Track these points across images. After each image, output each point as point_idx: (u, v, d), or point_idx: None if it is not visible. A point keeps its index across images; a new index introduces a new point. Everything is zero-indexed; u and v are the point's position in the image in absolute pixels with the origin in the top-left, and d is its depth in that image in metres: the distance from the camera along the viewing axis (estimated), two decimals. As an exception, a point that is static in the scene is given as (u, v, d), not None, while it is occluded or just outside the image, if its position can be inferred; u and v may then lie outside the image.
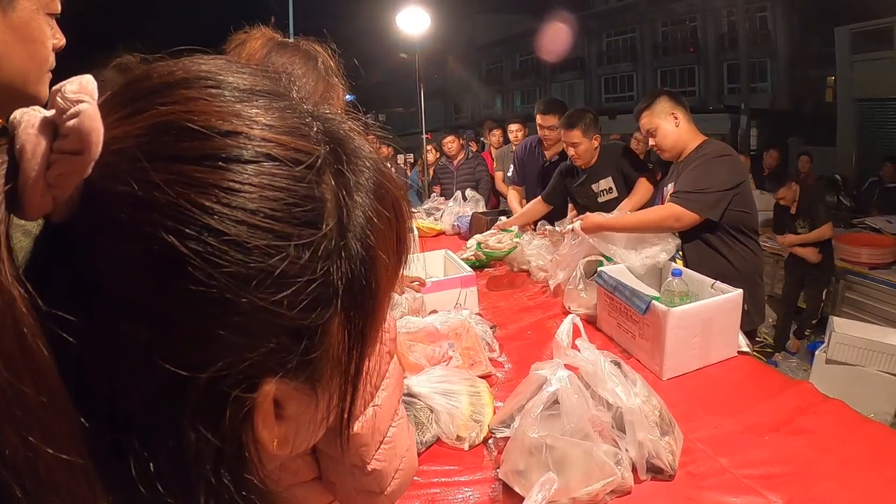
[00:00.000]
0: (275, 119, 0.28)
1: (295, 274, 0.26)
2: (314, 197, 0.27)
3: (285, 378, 0.28)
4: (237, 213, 0.25)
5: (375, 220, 0.30)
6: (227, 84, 0.28)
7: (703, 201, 1.95)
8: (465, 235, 3.30)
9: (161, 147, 0.25)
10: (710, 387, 1.48)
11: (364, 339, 0.32)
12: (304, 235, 0.27)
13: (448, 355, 1.55)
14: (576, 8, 18.78)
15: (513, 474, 1.09)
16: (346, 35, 18.68)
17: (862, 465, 1.11)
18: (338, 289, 0.28)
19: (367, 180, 0.31)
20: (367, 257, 0.30)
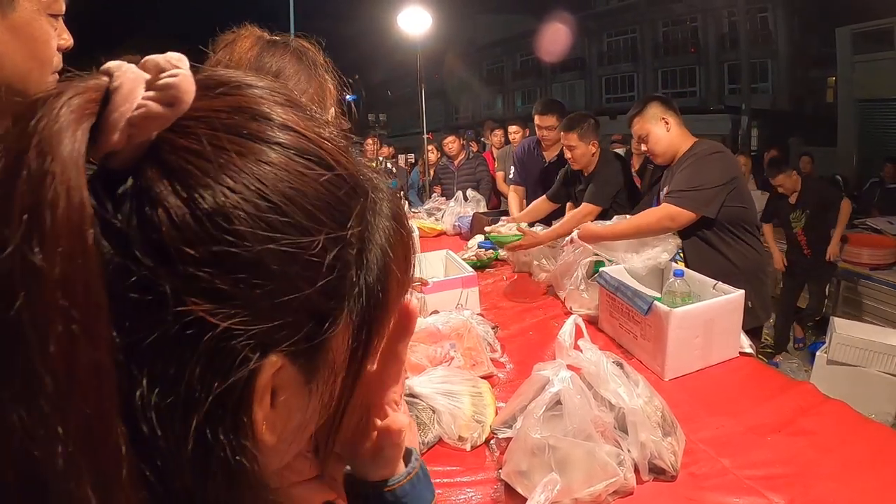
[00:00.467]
0: (325, 135, 0.32)
1: (322, 259, 0.29)
2: (348, 205, 0.31)
3: (289, 357, 0.29)
4: (287, 190, 0.28)
5: (392, 245, 0.34)
6: (284, 97, 0.32)
7: (698, 199, 1.96)
8: (467, 235, 3.30)
9: (236, 123, 0.28)
10: (712, 387, 1.48)
11: (367, 350, 0.33)
12: (335, 230, 0.30)
13: (450, 356, 1.55)
14: (576, 8, 18.81)
15: (515, 475, 1.09)
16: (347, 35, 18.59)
17: (863, 466, 1.11)
18: (353, 292, 0.31)
19: (387, 209, 0.35)
20: (384, 273, 0.33)
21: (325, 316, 0.30)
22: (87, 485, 0.23)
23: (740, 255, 2.01)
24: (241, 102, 0.29)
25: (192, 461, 0.27)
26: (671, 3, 16.92)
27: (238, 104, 0.29)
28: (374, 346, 0.34)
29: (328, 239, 0.29)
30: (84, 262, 0.23)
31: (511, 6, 22.28)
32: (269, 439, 0.31)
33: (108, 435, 0.24)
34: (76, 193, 0.23)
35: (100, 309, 0.24)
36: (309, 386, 0.31)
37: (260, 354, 0.28)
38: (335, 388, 0.33)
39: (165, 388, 0.26)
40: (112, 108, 0.26)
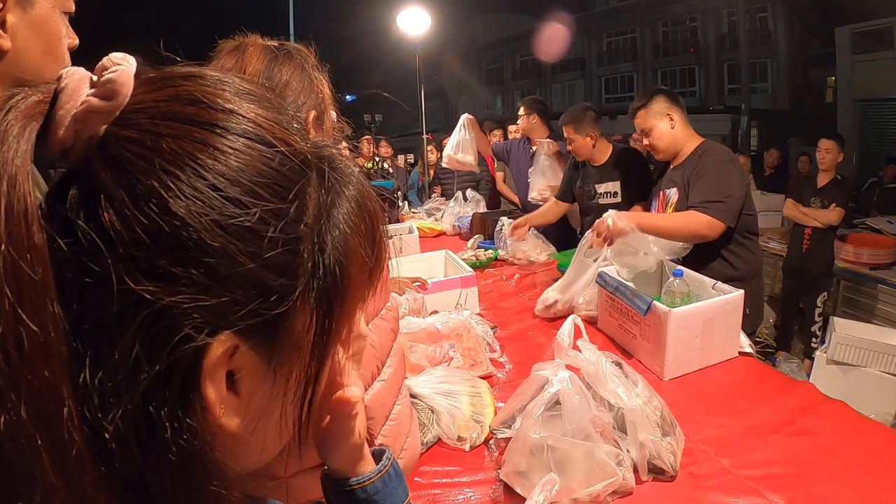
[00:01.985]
0: (271, 116, 0.32)
1: (266, 233, 0.29)
2: (292, 180, 0.31)
3: (243, 336, 0.29)
4: (223, 169, 0.29)
5: (354, 227, 0.34)
6: (234, 84, 0.33)
7: (729, 210, 1.91)
8: (466, 236, 3.30)
9: (173, 110, 0.30)
10: (711, 387, 1.48)
11: (329, 334, 0.33)
12: (280, 206, 0.30)
13: (449, 356, 1.55)
14: (576, 8, 18.82)
15: (514, 475, 1.09)
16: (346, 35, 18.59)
17: (863, 466, 1.11)
18: (308, 269, 0.31)
19: (351, 192, 0.35)
20: (342, 258, 0.33)
21: (275, 292, 0.30)
22: (45, 458, 0.25)
23: (741, 260, 2.01)
24: (181, 91, 0.31)
25: (138, 442, 0.28)
26: (671, 4, 16.92)
27: (177, 93, 0.30)
28: (337, 327, 0.34)
29: (267, 212, 0.29)
30: (29, 248, 0.25)
31: (510, 6, 22.26)
32: (229, 423, 0.31)
33: (59, 407, 0.26)
34: (20, 187, 0.26)
35: (46, 290, 0.26)
36: (272, 367, 0.32)
37: (207, 333, 0.28)
38: (301, 371, 0.33)
39: (111, 367, 0.27)
40: (58, 107, 0.29)
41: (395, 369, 0.79)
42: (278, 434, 0.35)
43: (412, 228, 3.08)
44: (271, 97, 0.35)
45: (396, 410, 0.79)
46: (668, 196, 2.13)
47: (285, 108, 0.35)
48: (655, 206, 2.26)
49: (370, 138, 5.96)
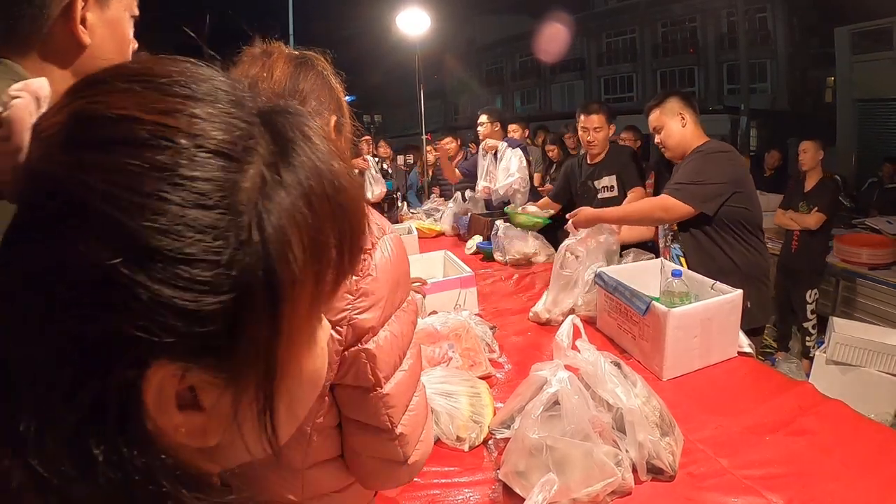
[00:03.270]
0: (201, 110, 0.29)
1: (180, 255, 0.26)
2: (221, 182, 0.28)
3: (180, 362, 0.28)
4: (122, 192, 0.26)
5: (295, 222, 0.30)
6: (164, 77, 0.30)
7: (696, 193, 1.96)
8: (465, 236, 3.30)
9: (72, 133, 0.28)
10: (710, 387, 1.48)
11: (275, 338, 0.30)
12: (199, 219, 0.27)
13: (448, 356, 1.55)
14: (576, 9, 18.83)
15: (513, 475, 1.09)
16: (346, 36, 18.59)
17: (862, 466, 1.11)
18: (233, 278, 0.28)
19: (302, 182, 0.31)
20: (276, 255, 0.29)
21: (209, 316, 0.27)
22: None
23: (741, 254, 2.01)
24: (74, 109, 0.29)
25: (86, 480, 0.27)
26: (670, 4, 16.93)
27: (72, 111, 0.29)
28: (282, 335, 0.31)
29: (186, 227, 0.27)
30: None
31: (510, 7, 22.28)
32: (198, 440, 0.30)
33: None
34: None
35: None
36: (229, 376, 0.30)
37: (139, 365, 0.27)
38: (256, 376, 0.31)
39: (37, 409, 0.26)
40: None
41: (415, 360, 0.81)
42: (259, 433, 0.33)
43: (411, 229, 3.09)
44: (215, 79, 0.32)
45: (415, 401, 0.80)
46: None
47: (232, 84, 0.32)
48: None
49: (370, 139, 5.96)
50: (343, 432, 0.80)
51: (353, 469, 0.82)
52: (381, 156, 5.94)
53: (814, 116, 12.01)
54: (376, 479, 0.84)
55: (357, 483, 0.84)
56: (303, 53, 0.84)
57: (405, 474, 0.83)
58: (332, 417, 0.78)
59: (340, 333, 0.72)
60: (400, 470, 0.81)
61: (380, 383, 0.75)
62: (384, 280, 0.74)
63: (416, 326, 0.83)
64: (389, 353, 0.76)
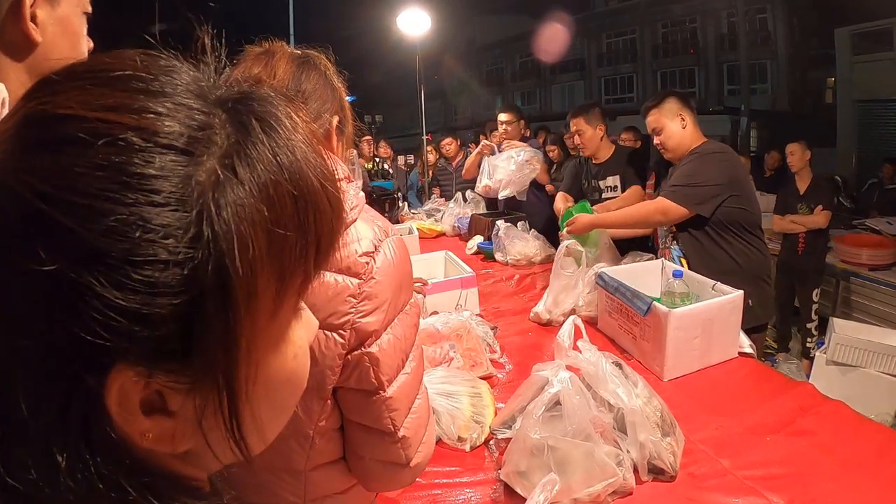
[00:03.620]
0: (155, 104, 0.28)
1: (131, 256, 0.25)
2: (173, 178, 0.27)
3: (140, 366, 0.27)
4: (66, 194, 0.25)
5: (250, 217, 0.28)
6: (120, 72, 0.29)
7: (692, 195, 1.97)
8: (466, 237, 3.31)
9: (20, 137, 0.27)
10: (711, 388, 1.48)
11: (233, 339, 0.29)
12: (150, 217, 0.26)
13: (449, 356, 1.55)
14: (576, 9, 18.81)
15: (514, 475, 1.09)
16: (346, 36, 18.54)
17: (863, 466, 1.11)
18: (186, 277, 0.26)
19: (261, 176, 0.29)
20: (229, 252, 0.27)
21: (162, 318, 0.26)
22: None
23: (742, 253, 2.01)
24: (21, 114, 0.28)
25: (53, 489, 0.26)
26: (670, 4, 16.92)
27: (18, 118, 0.28)
28: (240, 336, 0.29)
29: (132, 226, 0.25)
30: None
31: (510, 7, 22.26)
32: (167, 449, 0.30)
33: None
34: None
35: None
36: (193, 378, 0.29)
37: (99, 370, 0.26)
38: (218, 377, 0.29)
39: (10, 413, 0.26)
40: None
41: (418, 363, 0.81)
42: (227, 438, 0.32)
43: (412, 229, 3.09)
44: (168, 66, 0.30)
45: (417, 404, 0.80)
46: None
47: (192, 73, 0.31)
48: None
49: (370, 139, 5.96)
50: (345, 435, 0.80)
51: (356, 471, 0.82)
52: (382, 156, 5.95)
53: (814, 117, 12.01)
54: (378, 482, 0.84)
55: (359, 485, 0.84)
56: (305, 53, 0.84)
57: (407, 476, 0.83)
58: (335, 420, 0.78)
59: (343, 337, 0.72)
60: (402, 472, 0.81)
61: (383, 387, 0.75)
62: (387, 283, 0.74)
63: (418, 329, 0.83)
64: (392, 357, 0.76)
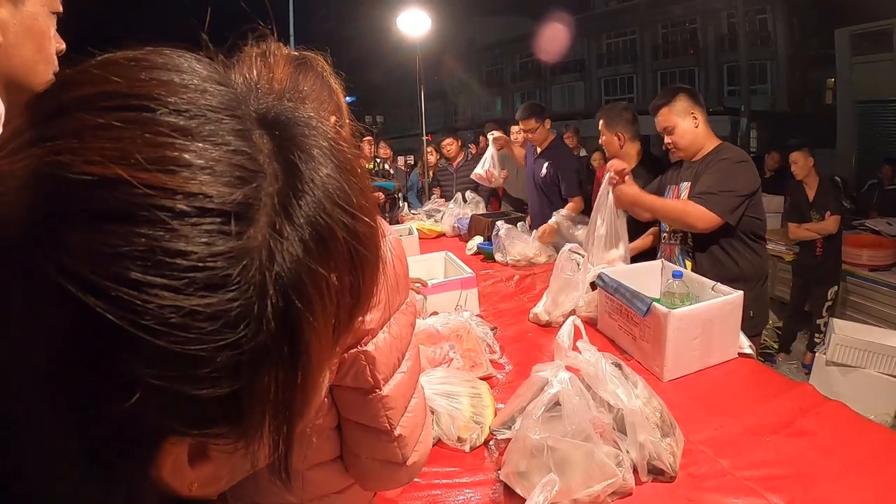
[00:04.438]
0: (198, 154, 0.23)
1: (193, 350, 0.22)
2: (232, 254, 0.23)
3: (193, 435, 0.25)
4: (116, 285, 0.21)
5: (312, 271, 0.26)
6: (152, 102, 0.24)
7: (725, 204, 1.93)
8: (466, 237, 3.31)
9: (37, 199, 0.22)
10: (710, 388, 1.48)
11: (294, 394, 0.28)
12: (199, 303, 0.22)
13: (449, 357, 1.55)
14: (576, 10, 18.83)
15: (514, 476, 1.09)
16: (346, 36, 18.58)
17: (863, 467, 1.11)
18: (248, 354, 0.24)
19: (313, 217, 0.26)
20: (296, 315, 0.25)
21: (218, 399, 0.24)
22: None
23: (748, 262, 2.01)
24: (38, 160, 0.23)
25: None
26: (670, 5, 16.94)
27: (34, 165, 0.23)
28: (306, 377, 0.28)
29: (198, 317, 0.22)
30: None
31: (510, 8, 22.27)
32: (209, 491, 0.29)
33: None
34: None
35: None
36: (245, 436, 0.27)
37: (151, 447, 0.25)
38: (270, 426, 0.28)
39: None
40: None
41: (414, 362, 0.81)
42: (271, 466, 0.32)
43: (412, 230, 3.09)
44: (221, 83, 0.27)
45: (413, 403, 0.81)
46: (681, 190, 2.14)
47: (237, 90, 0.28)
48: (671, 198, 2.22)
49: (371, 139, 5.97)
50: (342, 434, 0.80)
51: (353, 470, 0.82)
52: (382, 156, 5.95)
53: (814, 118, 12.01)
54: (375, 481, 0.84)
55: (357, 484, 0.84)
56: (302, 54, 0.84)
57: (404, 475, 0.83)
58: (332, 419, 0.78)
59: None
60: (399, 471, 0.81)
61: (379, 385, 0.75)
62: (383, 282, 0.74)
63: (414, 328, 0.83)
64: (388, 356, 0.76)
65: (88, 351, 0.21)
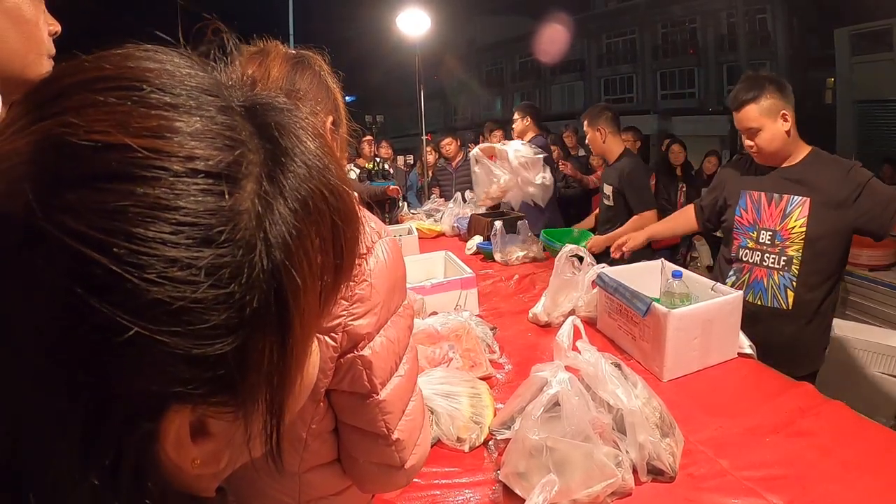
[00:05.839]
0: (187, 124, 0.25)
1: (191, 303, 0.24)
2: (223, 212, 0.25)
3: (194, 404, 0.26)
4: (107, 239, 0.22)
5: (298, 235, 0.28)
6: (142, 83, 0.26)
7: None
8: (465, 237, 3.30)
9: (42, 168, 0.23)
10: (710, 388, 1.48)
11: (284, 360, 0.29)
12: (195, 257, 0.24)
13: (448, 357, 1.55)
14: (576, 10, 18.83)
15: (513, 476, 1.09)
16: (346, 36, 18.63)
17: (863, 467, 1.11)
18: (242, 315, 0.26)
19: (300, 191, 0.28)
20: (285, 276, 0.27)
21: (218, 358, 0.25)
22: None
23: None
24: (43, 133, 0.24)
25: None
26: (670, 5, 16.93)
27: (40, 137, 0.24)
28: (290, 353, 0.29)
29: (195, 272, 0.24)
30: None
31: (510, 8, 22.28)
32: (210, 470, 0.29)
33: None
34: None
35: None
36: (236, 409, 0.28)
37: (154, 415, 0.25)
38: (265, 397, 0.30)
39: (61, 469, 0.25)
40: None
41: (411, 365, 0.81)
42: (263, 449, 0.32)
43: (411, 229, 3.09)
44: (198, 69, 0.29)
45: (411, 406, 0.80)
46: (791, 202, 1.80)
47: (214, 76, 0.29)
48: (762, 210, 1.87)
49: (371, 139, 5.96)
50: (339, 437, 0.80)
51: (350, 473, 0.82)
52: (382, 156, 5.95)
53: (814, 117, 12.00)
54: (373, 484, 0.84)
55: (354, 486, 0.84)
56: (299, 53, 0.84)
57: (402, 479, 0.83)
58: (329, 422, 0.78)
59: (336, 340, 0.71)
60: (397, 474, 0.81)
61: (376, 390, 0.75)
62: (379, 285, 0.74)
63: (412, 330, 0.83)
64: (385, 360, 0.75)
65: (92, 311, 0.22)
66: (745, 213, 1.91)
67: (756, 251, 1.88)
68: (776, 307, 1.83)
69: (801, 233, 1.77)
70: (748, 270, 1.90)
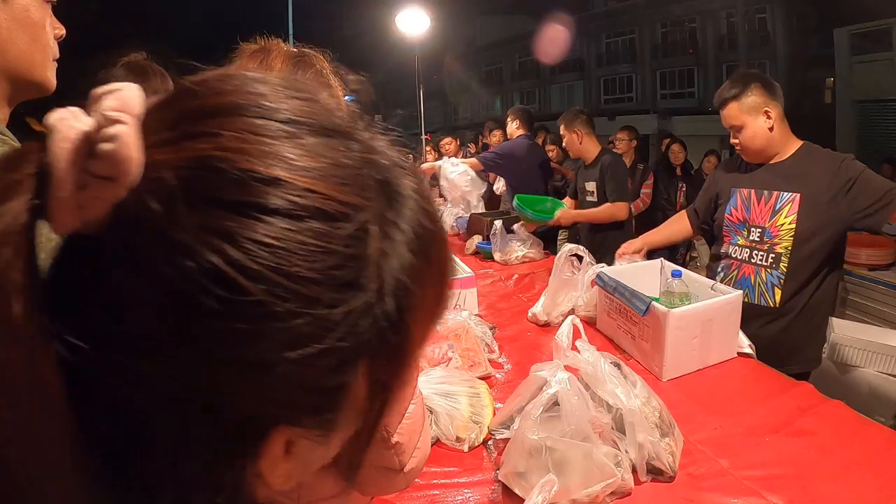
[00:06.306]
0: (326, 164, 0.26)
1: (320, 337, 0.25)
2: (355, 256, 0.26)
3: (298, 428, 0.28)
4: (263, 270, 0.23)
5: (413, 272, 0.28)
6: (279, 116, 0.26)
7: None
8: (464, 237, 3.30)
9: (198, 187, 0.23)
10: (710, 388, 1.48)
11: (388, 393, 0.31)
12: (336, 298, 0.25)
13: (447, 356, 1.55)
14: (575, 9, 18.82)
15: (512, 476, 1.08)
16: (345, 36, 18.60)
17: (862, 467, 1.11)
18: (365, 349, 0.27)
19: (410, 229, 0.29)
20: (401, 313, 0.28)
21: (334, 389, 0.27)
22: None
23: None
24: (201, 152, 0.24)
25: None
26: (670, 5, 16.94)
27: (197, 156, 0.24)
28: (395, 387, 0.31)
29: (326, 308, 0.25)
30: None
31: (510, 7, 22.30)
32: (284, 487, 0.30)
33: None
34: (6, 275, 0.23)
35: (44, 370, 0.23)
36: (329, 436, 0.29)
37: (261, 436, 0.26)
38: (358, 428, 0.31)
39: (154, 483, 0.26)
40: (52, 196, 0.23)
41: None
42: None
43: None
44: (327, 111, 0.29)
45: (411, 409, 0.80)
46: (781, 199, 1.80)
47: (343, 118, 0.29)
48: (752, 207, 1.87)
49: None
50: None
51: None
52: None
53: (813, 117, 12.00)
54: (373, 487, 0.83)
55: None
56: (301, 51, 0.84)
57: (402, 482, 0.83)
58: None
59: None
60: (396, 477, 0.80)
61: None
62: None
63: None
64: None
65: (238, 333, 0.23)
66: (736, 210, 1.92)
67: (745, 248, 1.88)
68: (763, 305, 1.83)
69: (791, 230, 1.77)
70: (736, 267, 1.90)
